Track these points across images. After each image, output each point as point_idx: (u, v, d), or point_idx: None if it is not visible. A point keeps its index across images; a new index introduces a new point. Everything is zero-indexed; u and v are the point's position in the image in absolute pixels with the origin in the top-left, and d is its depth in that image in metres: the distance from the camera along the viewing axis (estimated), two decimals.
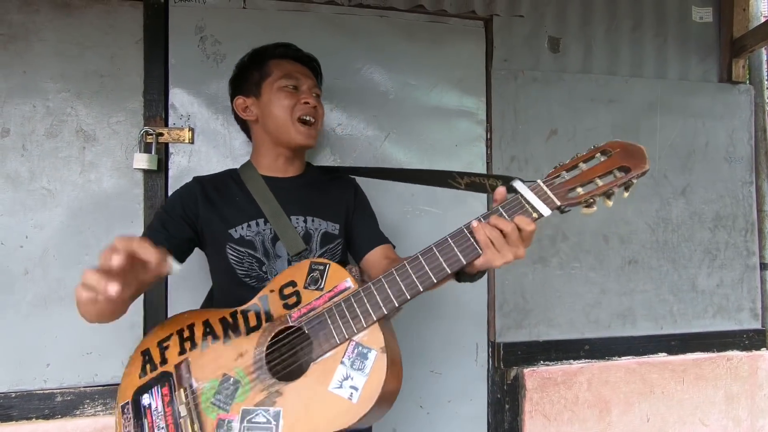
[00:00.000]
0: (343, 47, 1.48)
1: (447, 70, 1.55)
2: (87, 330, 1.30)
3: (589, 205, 0.78)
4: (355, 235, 1.14)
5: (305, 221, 1.06)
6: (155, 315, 1.33)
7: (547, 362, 1.61)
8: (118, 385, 1.30)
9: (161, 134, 1.35)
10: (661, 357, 1.69)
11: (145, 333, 1.33)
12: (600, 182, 0.77)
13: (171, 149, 1.37)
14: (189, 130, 1.37)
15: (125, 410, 0.90)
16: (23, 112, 1.30)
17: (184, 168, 1.37)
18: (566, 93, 1.64)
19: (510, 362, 1.57)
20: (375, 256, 1.11)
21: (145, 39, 1.36)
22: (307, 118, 1.06)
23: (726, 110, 1.76)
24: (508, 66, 1.60)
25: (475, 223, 0.78)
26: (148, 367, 0.92)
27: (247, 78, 1.10)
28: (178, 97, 1.38)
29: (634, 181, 0.76)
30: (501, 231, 0.77)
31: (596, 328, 1.65)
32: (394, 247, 1.14)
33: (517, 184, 0.80)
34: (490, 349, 1.59)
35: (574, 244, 1.63)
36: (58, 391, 1.29)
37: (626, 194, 0.77)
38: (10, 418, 1.26)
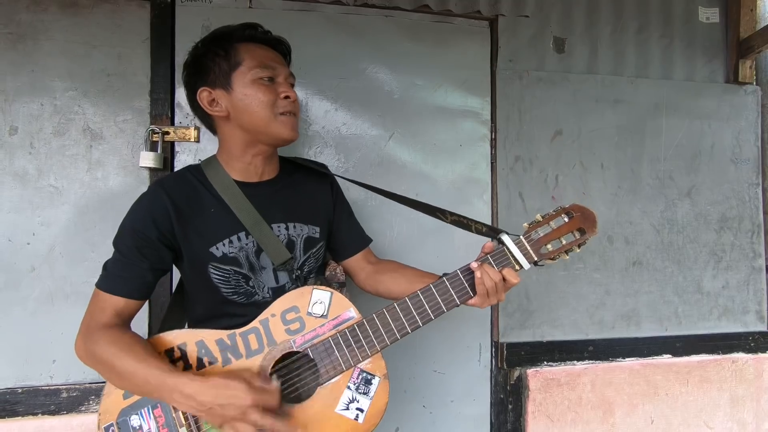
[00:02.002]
0: (348, 47, 1.48)
1: (452, 70, 1.55)
2: None
3: (553, 259, 0.94)
4: (339, 237, 1.13)
5: (287, 228, 1.01)
6: (160, 313, 1.33)
7: (550, 363, 1.60)
8: None
9: (167, 133, 1.35)
10: (666, 359, 1.69)
11: (150, 329, 1.34)
12: (563, 241, 0.94)
13: (177, 148, 1.38)
14: (195, 129, 1.38)
15: None
16: (31, 111, 1.31)
17: None
18: (571, 93, 1.63)
19: (513, 363, 1.57)
20: (358, 262, 1.14)
21: (151, 38, 1.37)
22: (290, 116, 0.97)
23: (732, 111, 1.76)
24: (513, 66, 1.60)
25: (478, 274, 0.90)
26: None
27: (211, 66, 0.95)
28: (184, 96, 1.38)
29: (586, 242, 0.94)
30: (494, 282, 0.90)
31: (600, 329, 1.64)
32: (371, 240, 1.18)
33: (505, 239, 0.94)
34: (494, 350, 1.59)
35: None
36: (64, 387, 1.30)
37: (578, 250, 0.95)
38: (16, 413, 1.27)
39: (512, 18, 1.60)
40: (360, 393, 0.89)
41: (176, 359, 0.89)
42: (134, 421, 0.87)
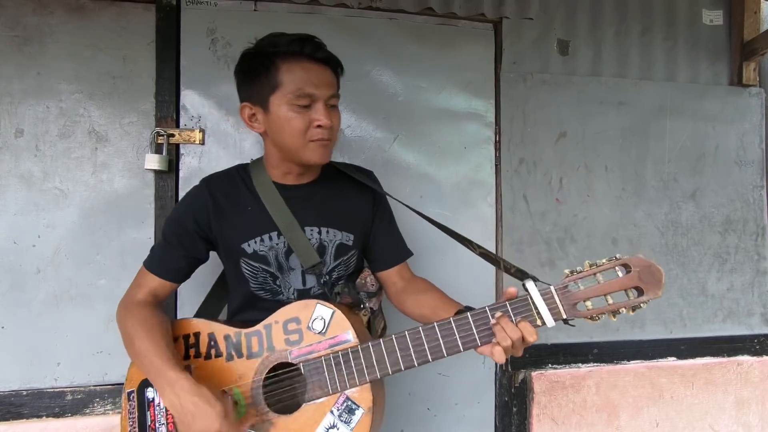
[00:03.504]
0: (352, 49, 1.49)
1: (456, 72, 1.55)
2: (97, 329, 1.32)
3: (593, 319, 0.79)
4: (374, 249, 1.11)
5: (319, 232, 1.02)
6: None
7: (555, 366, 1.60)
8: None
9: (172, 135, 1.36)
10: (671, 361, 1.68)
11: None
12: (610, 300, 0.77)
13: (182, 150, 1.38)
14: (200, 132, 1.38)
15: (131, 397, 0.95)
16: (37, 113, 1.31)
17: (194, 169, 1.38)
18: (575, 96, 1.63)
19: (518, 365, 1.57)
20: (391, 276, 1.11)
21: (157, 41, 1.37)
22: (320, 142, 0.95)
23: (736, 113, 1.75)
24: (517, 68, 1.60)
25: (495, 330, 0.80)
26: None
27: (254, 81, 0.95)
28: (189, 98, 1.39)
29: (643, 306, 0.77)
30: (510, 340, 0.79)
31: (605, 331, 1.64)
32: (411, 254, 1.14)
33: (530, 286, 0.80)
34: None
35: (583, 248, 1.63)
36: (69, 389, 1.30)
37: (631, 313, 0.77)
38: (21, 416, 1.28)
39: (516, 20, 1.60)
40: (341, 421, 0.87)
41: (191, 345, 0.95)
42: (149, 393, 0.94)
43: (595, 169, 1.64)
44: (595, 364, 1.63)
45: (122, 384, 1.30)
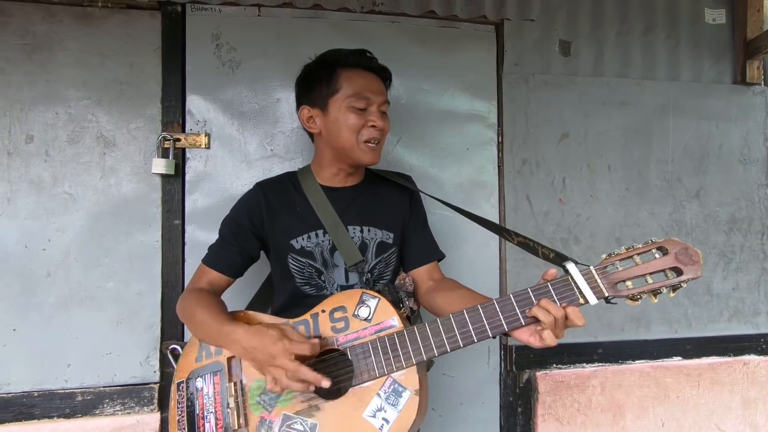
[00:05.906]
0: None
1: (458, 74, 1.56)
2: (106, 331, 1.34)
3: (634, 299, 0.81)
4: (407, 248, 1.16)
5: (361, 231, 1.09)
6: (173, 316, 1.35)
7: (559, 365, 1.60)
8: (136, 385, 1.35)
9: (178, 140, 1.38)
10: (676, 361, 1.68)
11: (162, 333, 1.36)
12: (650, 280, 0.79)
13: (188, 154, 1.40)
14: (205, 136, 1.40)
15: (180, 387, 0.99)
16: (46, 119, 1.34)
17: (200, 172, 1.41)
18: (577, 96, 1.64)
19: (522, 365, 1.57)
20: (421, 275, 1.14)
21: (163, 47, 1.39)
22: (373, 143, 1.05)
23: (740, 112, 1.75)
24: (519, 70, 1.61)
25: (536, 311, 0.81)
26: (203, 353, 1.00)
27: (314, 87, 1.07)
28: (194, 103, 1.41)
29: (683, 285, 0.79)
30: (553, 317, 0.80)
31: (609, 331, 1.64)
32: (444, 257, 1.18)
33: (570, 267, 0.83)
34: (502, 352, 1.59)
35: (587, 247, 1.63)
36: (79, 390, 1.32)
37: (672, 294, 0.80)
38: (32, 416, 1.30)
39: (518, 22, 1.61)
40: (389, 403, 0.88)
41: None
42: (198, 382, 0.98)
43: (598, 170, 1.65)
44: (600, 364, 1.63)
45: (131, 385, 1.34)
